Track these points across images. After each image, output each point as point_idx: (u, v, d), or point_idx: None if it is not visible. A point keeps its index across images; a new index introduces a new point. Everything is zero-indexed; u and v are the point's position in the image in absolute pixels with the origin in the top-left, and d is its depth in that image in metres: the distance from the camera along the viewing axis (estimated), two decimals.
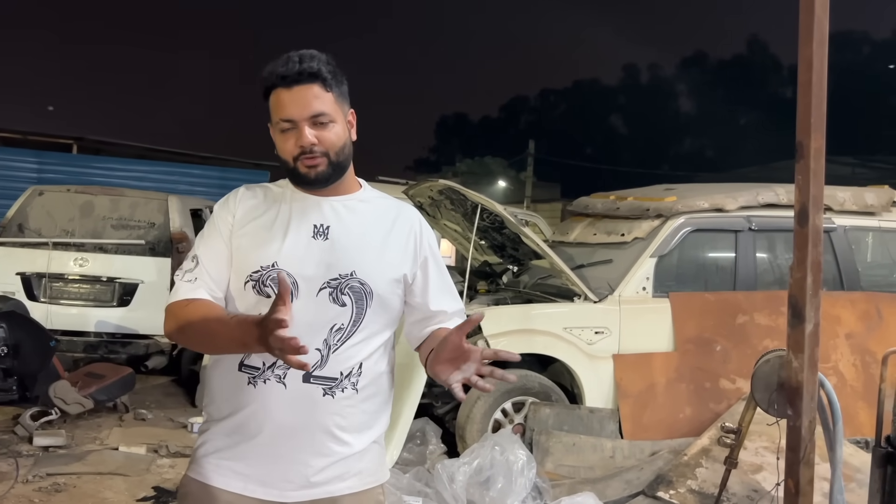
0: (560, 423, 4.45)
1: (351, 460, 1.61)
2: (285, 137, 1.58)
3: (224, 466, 1.58)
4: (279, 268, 1.55)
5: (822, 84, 2.04)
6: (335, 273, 1.57)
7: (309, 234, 1.60)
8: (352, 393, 1.58)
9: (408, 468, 4.03)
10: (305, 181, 1.60)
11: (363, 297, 1.58)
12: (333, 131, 1.59)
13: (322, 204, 1.64)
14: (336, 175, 1.62)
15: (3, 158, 12.90)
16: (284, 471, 1.56)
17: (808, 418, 2.24)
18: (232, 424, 1.58)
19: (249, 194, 1.68)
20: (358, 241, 1.61)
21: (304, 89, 1.55)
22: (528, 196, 22.99)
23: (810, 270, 2.14)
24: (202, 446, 1.63)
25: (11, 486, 3.87)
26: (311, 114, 1.56)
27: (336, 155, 1.59)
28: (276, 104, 1.57)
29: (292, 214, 1.62)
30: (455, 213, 5.70)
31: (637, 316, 4.73)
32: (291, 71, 1.55)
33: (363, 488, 1.64)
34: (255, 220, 1.62)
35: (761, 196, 5.08)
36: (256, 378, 1.56)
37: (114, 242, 6.70)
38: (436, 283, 1.70)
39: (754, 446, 4.02)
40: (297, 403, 1.54)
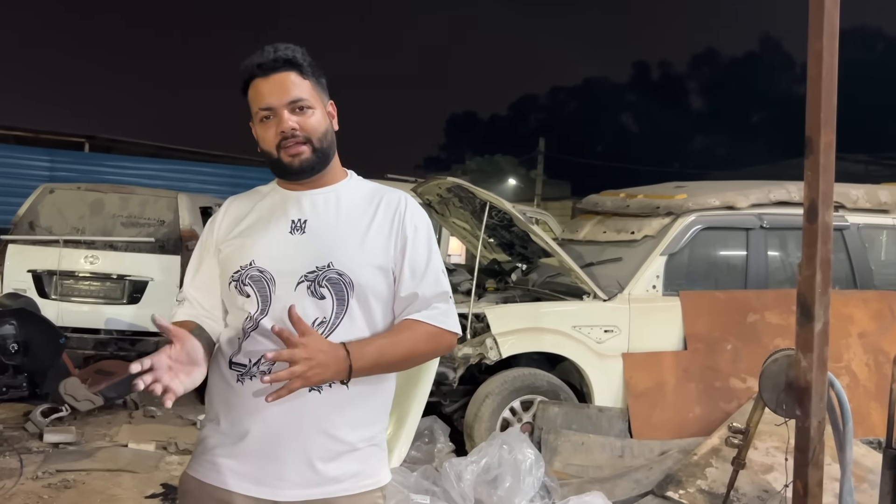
0: (569, 421, 4.43)
1: (346, 460, 1.57)
2: (266, 127, 1.58)
3: (219, 464, 1.57)
4: (256, 266, 1.56)
5: (832, 78, 2.01)
6: (312, 266, 1.55)
7: (286, 229, 1.59)
8: (341, 388, 1.54)
9: (416, 466, 4.02)
10: (290, 171, 1.60)
11: (343, 288, 1.54)
12: (314, 117, 1.58)
13: (302, 198, 1.63)
14: (321, 163, 1.61)
15: (16, 156, 12.98)
16: (277, 469, 1.54)
17: (817, 419, 2.22)
18: (225, 422, 1.58)
19: (234, 205, 1.71)
20: (335, 231, 1.59)
21: (280, 77, 1.56)
22: (538, 194, 22.93)
23: (819, 268, 2.12)
24: (200, 444, 1.64)
25: (17, 483, 3.88)
26: (289, 99, 1.56)
27: (319, 141, 1.59)
28: (255, 95, 1.58)
29: (272, 213, 1.63)
30: (464, 211, 5.68)
31: (647, 314, 4.70)
32: (267, 59, 1.56)
33: (360, 491, 1.59)
34: (240, 225, 1.65)
35: (773, 194, 5.03)
36: (243, 376, 1.55)
37: (124, 240, 6.72)
38: (409, 266, 1.61)
39: (765, 446, 3.99)
40: (284, 401, 1.48)
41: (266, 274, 1.56)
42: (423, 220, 1.68)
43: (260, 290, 1.56)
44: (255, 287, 1.56)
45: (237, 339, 1.58)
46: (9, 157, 12.89)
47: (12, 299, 5.84)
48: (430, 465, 4.08)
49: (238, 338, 1.58)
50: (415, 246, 1.63)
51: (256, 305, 1.56)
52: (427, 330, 1.60)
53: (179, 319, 1.62)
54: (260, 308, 1.55)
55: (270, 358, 1.39)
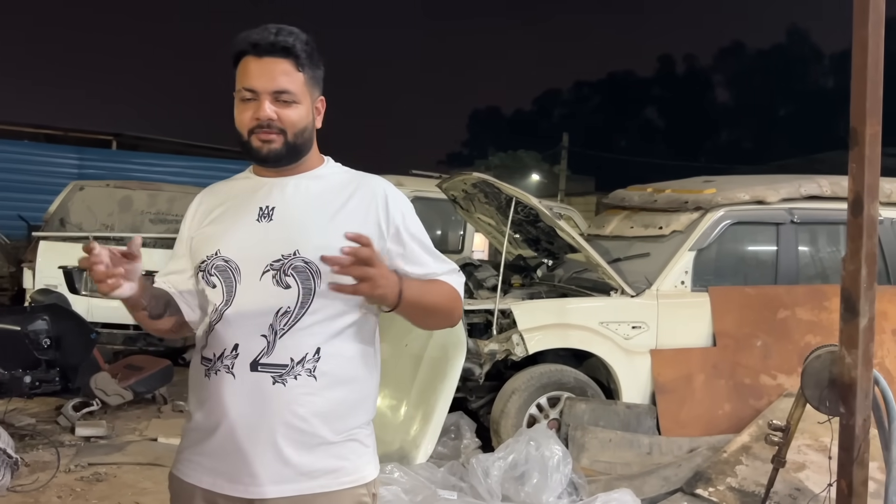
0: (596, 418, 4.40)
1: (319, 456, 1.49)
2: (244, 107, 1.52)
3: (195, 462, 1.54)
4: (221, 255, 1.52)
5: (878, 67, 1.95)
6: (277, 254, 1.49)
7: (254, 217, 1.54)
8: (308, 380, 1.47)
9: (442, 462, 4.02)
10: (258, 157, 1.54)
11: (309, 276, 1.48)
12: (295, 111, 1.52)
13: (272, 185, 1.57)
14: (290, 157, 1.55)
15: (46, 154, 13.20)
16: (248, 465, 1.47)
17: (863, 416, 2.17)
18: (197, 418, 1.55)
19: (207, 195, 1.67)
20: (303, 219, 1.53)
21: (273, 62, 1.50)
22: (561, 189, 22.81)
23: (865, 262, 2.06)
24: (181, 441, 1.61)
25: (53, 476, 3.94)
26: (275, 88, 1.50)
27: (294, 136, 1.52)
28: (243, 72, 1.52)
29: (242, 201, 1.58)
30: (489, 207, 5.66)
31: (675, 310, 4.65)
32: (265, 40, 1.50)
33: (339, 488, 1.51)
34: (210, 215, 1.61)
35: (804, 188, 4.95)
36: (210, 370, 1.52)
37: (152, 236, 6.80)
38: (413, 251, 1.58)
39: (797, 444, 3.92)
40: (247, 394, 1.47)
41: (231, 263, 1.52)
42: (408, 205, 1.63)
43: (225, 279, 1.52)
44: (221, 277, 1.52)
45: (205, 333, 1.55)
46: (39, 155, 13.12)
47: (44, 295, 5.93)
48: (457, 460, 4.07)
49: (205, 331, 1.55)
50: (410, 232, 1.58)
51: (222, 296, 1.52)
52: (451, 290, 1.61)
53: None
54: (225, 299, 1.51)
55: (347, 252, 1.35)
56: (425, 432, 4.09)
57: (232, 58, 1.54)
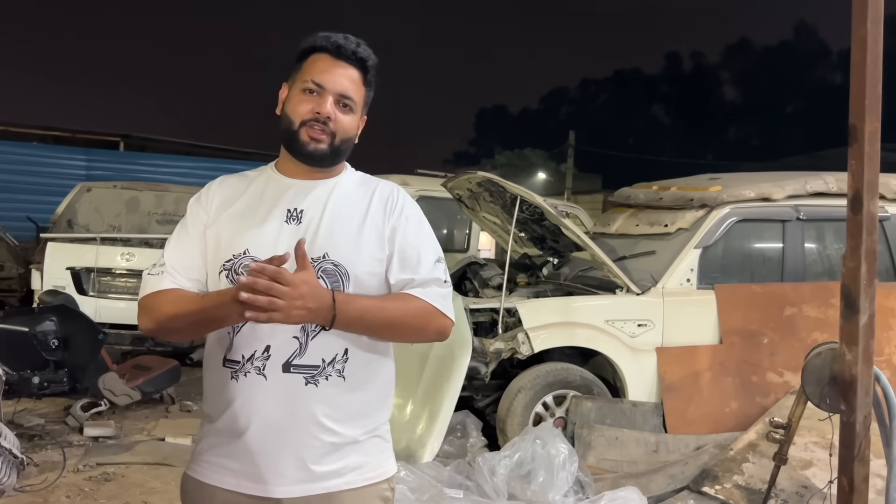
0: (602, 416, 4.40)
1: (347, 453, 1.54)
2: (304, 99, 1.55)
3: (217, 464, 1.55)
4: (250, 255, 1.52)
5: (876, 64, 1.95)
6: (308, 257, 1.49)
7: (282, 218, 1.56)
8: (338, 381, 1.52)
9: (448, 461, 4.02)
10: (302, 151, 1.56)
11: (339, 279, 1.52)
12: (350, 119, 1.58)
13: (298, 188, 1.60)
14: (330, 160, 1.59)
15: (54, 156, 13.26)
16: (276, 466, 1.50)
17: (863, 413, 2.17)
18: (222, 421, 1.54)
19: (225, 185, 1.66)
20: (331, 222, 1.56)
21: (348, 68, 1.57)
22: (568, 188, 22.78)
23: (864, 259, 2.06)
24: (199, 444, 1.61)
25: (60, 475, 3.96)
26: (342, 91, 1.55)
27: (341, 141, 1.57)
28: (314, 66, 1.56)
29: (266, 200, 1.59)
30: (494, 206, 5.66)
31: (681, 308, 4.64)
32: (348, 46, 1.56)
33: (364, 484, 1.56)
34: (229, 209, 1.60)
35: (809, 185, 4.93)
36: (238, 372, 1.52)
37: (159, 237, 6.83)
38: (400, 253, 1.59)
39: (804, 442, 3.92)
40: (279, 395, 1.49)
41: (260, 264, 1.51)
42: (415, 210, 1.66)
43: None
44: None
45: (227, 335, 1.54)
46: (47, 156, 13.18)
47: (52, 296, 5.97)
48: (463, 459, 4.08)
49: (228, 333, 1.53)
50: (405, 235, 1.60)
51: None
52: (419, 304, 1.56)
53: (166, 287, 1.56)
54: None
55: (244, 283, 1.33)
56: (431, 431, 4.09)
57: (302, 50, 1.59)
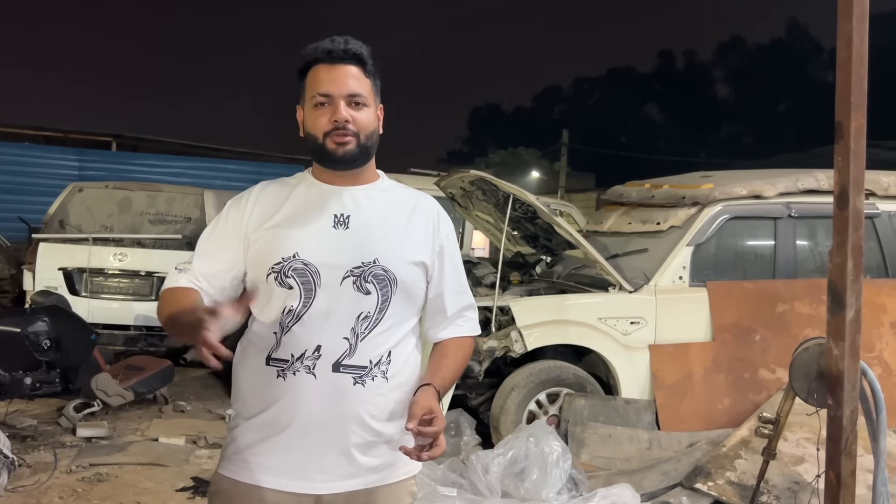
0: (595, 414, 4.41)
1: (384, 450, 1.59)
2: (319, 113, 1.58)
3: (255, 462, 1.57)
4: (300, 258, 1.56)
5: (862, 61, 1.97)
6: (358, 261, 1.56)
7: (329, 223, 1.59)
8: (382, 381, 1.57)
9: (442, 459, 4.03)
10: (333, 159, 1.60)
11: (387, 284, 1.57)
12: (366, 114, 1.60)
13: (342, 193, 1.63)
14: (362, 158, 1.62)
15: (46, 156, 13.21)
16: (318, 463, 1.55)
17: (850, 408, 2.18)
18: (263, 419, 1.57)
19: (267, 191, 1.68)
20: (379, 228, 1.61)
21: (345, 68, 1.58)
22: (561, 186, 22.84)
23: (851, 255, 2.08)
24: (232, 443, 1.63)
25: (51, 476, 3.96)
26: (349, 92, 1.57)
27: (366, 138, 1.60)
28: (315, 80, 1.59)
29: (312, 205, 1.62)
30: (487, 204, 5.67)
31: (673, 305, 4.66)
32: (337, 48, 1.58)
33: (397, 480, 1.63)
34: (275, 216, 1.62)
35: (801, 182, 4.96)
36: (286, 370, 1.55)
37: (152, 237, 6.82)
38: (449, 275, 1.70)
39: (795, 437, 3.94)
40: (327, 394, 1.53)
41: (311, 267, 1.55)
42: (453, 231, 1.75)
43: (304, 282, 1.55)
44: (299, 280, 1.55)
45: (273, 334, 1.56)
46: (39, 157, 13.13)
47: (44, 297, 5.96)
48: (457, 457, 4.09)
49: (275, 332, 1.56)
50: (452, 258, 1.71)
51: (299, 299, 1.55)
52: (469, 343, 1.76)
53: (182, 285, 1.60)
54: (303, 301, 1.55)
55: (418, 431, 1.46)
56: None
57: (300, 69, 1.62)
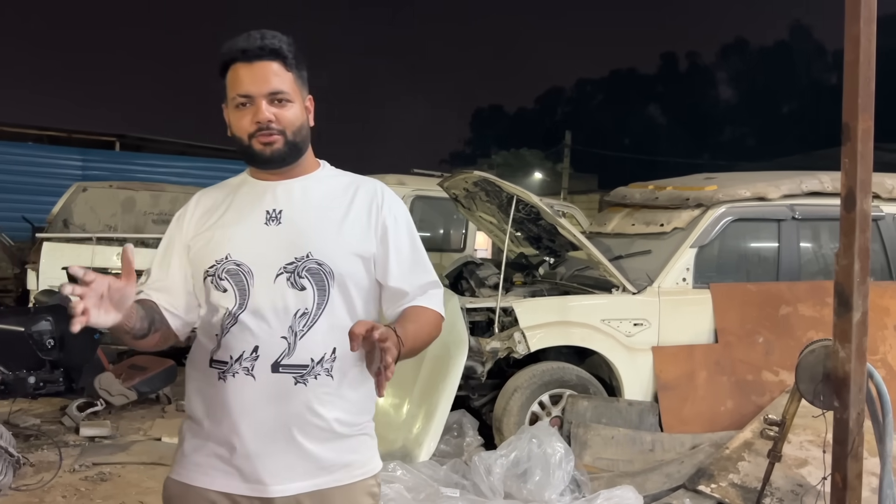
0: (598, 415, 4.41)
1: (336, 451, 1.54)
2: (241, 114, 1.54)
3: (205, 465, 1.54)
4: (232, 259, 1.53)
5: (869, 63, 1.96)
6: (290, 257, 1.52)
7: (261, 220, 1.56)
8: (326, 380, 1.52)
9: (445, 460, 4.03)
10: (261, 160, 1.56)
11: (323, 278, 1.52)
12: (291, 111, 1.55)
13: (276, 188, 1.59)
14: (292, 156, 1.57)
15: (50, 156, 13.24)
16: (266, 465, 1.50)
17: (856, 410, 2.18)
18: (209, 422, 1.54)
19: (204, 198, 1.66)
20: (312, 221, 1.56)
21: (264, 65, 1.52)
22: (564, 187, 22.81)
23: (857, 257, 2.07)
24: (182, 446, 1.59)
25: (56, 475, 3.96)
26: (269, 90, 1.52)
27: (293, 134, 1.55)
28: (234, 79, 1.53)
29: (246, 205, 1.59)
30: (490, 205, 5.67)
31: (677, 307, 4.65)
32: (253, 45, 1.52)
33: (352, 481, 1.57)
34: (211, 219, 1.60)
35: (805, 184, 4.95)
36: (225, 372, 1.51)
37: (155, 237, 6.82)
38: (395, 257, 1.60)
39: (799, 440, 3.93)
40: (268, 395, 1.49)
41: (243, 267, 1.52)
42: (402, 210, 1.66)
43: (237, 283, 1.52)
44: (233, 281, 1.53)
45: (215, 336, 1.54)
46: (43, 156, 13.16)
47: (48, 296, 5.96)
48: (460, 458, 4.08)
49: (216, 334, 1.54)
50: (398, 237, 1.61)
51: (234, 300, 1.52)
52: (435, 317, 1.63)
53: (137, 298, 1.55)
54: (238, 303, 1.52)
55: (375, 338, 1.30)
56: (428, 430, 4.10)
57: (220, 67, 1.56)
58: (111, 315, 1.32)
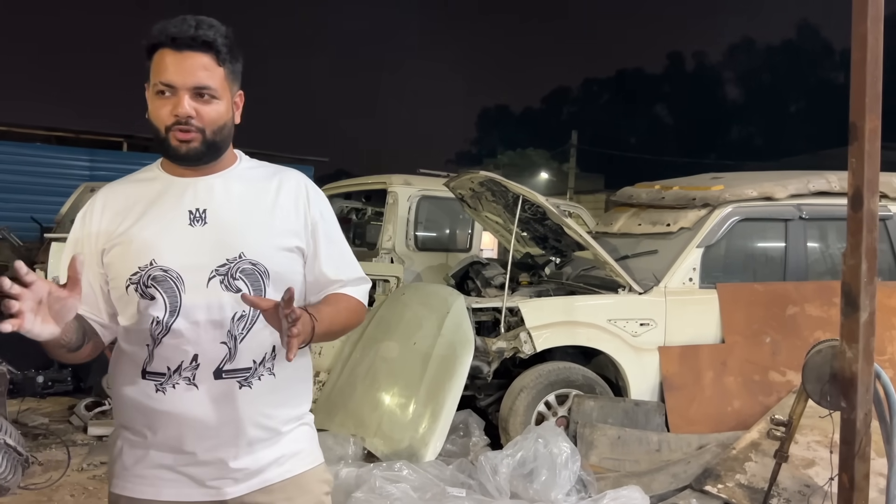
0: (604, 415, 4.40)
1: (283, 444, 1.54)
2: (161, 103, 1.44)
3: (150, 476, 1.49)
4: (158, 265, 1.44)
5: (877, 62, 1.96)
6: (222, 259, 1.46)
7: (185, 221, 1.48)
8: (269, 378, 1.50)
9: (451, 460, 4.03)
10: (175, 155, 1.48)
11: (258, 278, 1.47)
12: (215, 108, 1.47)
13: (196, 185, 1.51)
14: (210, 155, 1.50)
15: (58, 157, 13.30)
16: (217, 469, 1.48)
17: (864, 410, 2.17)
18: (150, 433, 1.48)
19: (112, 196, 1.55)
20: (240, 219, 1.49)
21: (193, 56, 1.44)
22: (570, 187, 22.80)
23: (865, 257, 2.07)
24: (120, 458, 1.53)
25: (64, 474, 3.98)
26: (195, 84, 1.44)
27: (213, 133, 1.47)
28: (160, 65, 1.44)
29: (165, 203, 1.50)
30: (496, 205, 5.67)
31: (683, 307, 4.64)
32: (185, 34, 1.43)
33: (304, 469, 1.58)
34: (125, 221, 1.50)
35: (812, 184, 4.94)
36: (164, 384, 1.46)
37: None
38: (325, 252, 1.58)
39: (806, 441, 3.92)
40: (214, 402, 1.45)
41: (171, 273, 1.44)
42: (326, 204, 1.63)
43: (167, 290, 1.44)
44: (161, 288, 1.44)
45: (146, 346, 1.46)
46: (51, 157, 13.22)
47: None
48: (466, 458, 4.08)
49: (146, 344, 1.46)
50: (326, 231, 1.59)
51: (164, 308, 1.44)
52: (357, 305, 1.62)
53: None
54: (169, 310, 1.44)
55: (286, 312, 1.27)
56: (434, 430, 4.10)
57: (146, 48, 1.46)
58: (48, 326, 1.24)
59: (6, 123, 15.62)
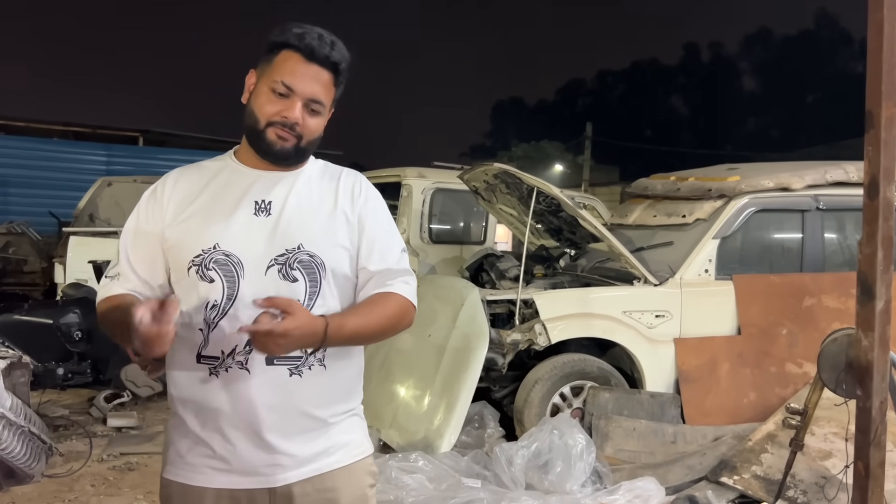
0: (620, 407, 4.40)
1: (332, 435, 1.57)
2: (273, 100, 1.52)
3: (202, 464, 1.53)
4: (221, 249, 1.50)
5: (893, 50, 1.93)
6: (281, 249, 1.51)
7: (250, 211, 1.54)
8: (320, 370, 1.53)
9: (466, 451, 4.05)
10: (268, 150, 1.55)
11: (315, 269, 1.52)
12: (317, 122, 1.56)
13: (263, 179, 1.58)
14: (295, 159, 1.58)
15: (75, 151, 13.42)
16: (267, 457, 1.50)
17: (879, 399, 2.16)
18: (202, 419, 1.52)
19: (183, 179, 1.62)
20: (302, 213, 1.55)
21: (320, 71, 1.53)
22: (585, 179, 22.70)
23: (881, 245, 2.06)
24: (174, 445, 1.57)
25: (85, 464, 4.04)
26: (311, 96, 1.52)
27: (307, 143, 1.56)
28: (285, 66, 1.51)
29: (231, 193, 1.56)
30: (511, 198, 5.67)
31: (699, 299, 4.63)
32: (320, 52, 1.51)
33: (352, 461, 1.60)
34: (193, 204, 1.56)
35: (829, 174, 4.89)
36: (218, 368, 1.49)
37: None
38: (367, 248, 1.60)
39: (822, 432, 3.90)
40: (265, 388, 1.48)
41: (233, 258, 1.50)
42: (380, 201, 1.67)
43: (227, 274, 1.49)
44: (221, 272, 1.49)
45: (200, 332, 1.50)
46: (68, 152, 13.35)
47: (75, 289, 6.05)
48: (481, 449, 4.10)
49: (201, 329, 1.50)
50: (374, 225, 1.62)
51: (222, 292, 1.49)
52: (399, 302, 1.60)
53: (116, 293, 1.56)
54: (226, 295, 1.49)
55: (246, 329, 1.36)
56: (449, 422, 4.12)
57: (273, 43, 1.54)
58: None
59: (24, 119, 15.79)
